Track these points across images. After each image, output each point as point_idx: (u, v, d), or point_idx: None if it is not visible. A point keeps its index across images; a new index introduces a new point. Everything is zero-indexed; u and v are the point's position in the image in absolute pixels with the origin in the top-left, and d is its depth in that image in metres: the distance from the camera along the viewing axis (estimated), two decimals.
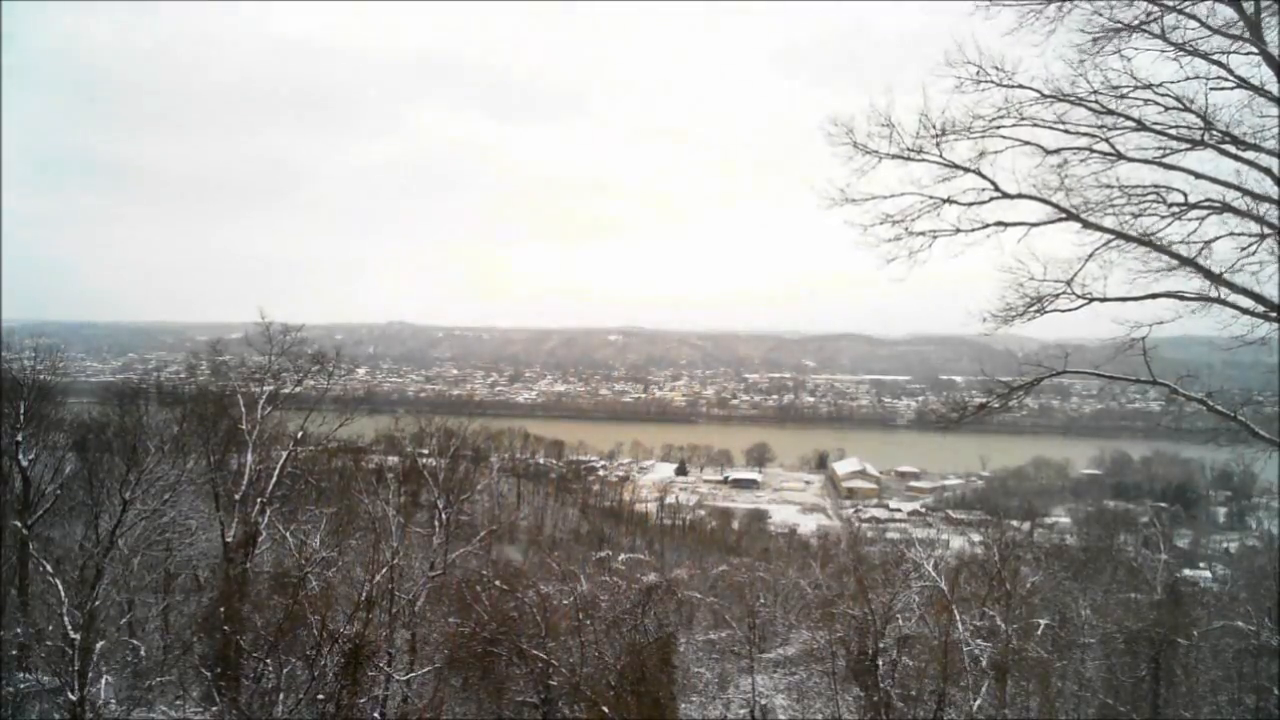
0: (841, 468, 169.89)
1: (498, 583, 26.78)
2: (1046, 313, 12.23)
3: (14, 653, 20.27)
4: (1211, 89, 11.05)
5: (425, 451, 40.44)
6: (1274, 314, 11.03)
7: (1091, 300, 12.03)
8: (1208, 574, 54.76)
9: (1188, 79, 11.14)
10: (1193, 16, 10.89)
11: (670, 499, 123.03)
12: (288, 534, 24.86)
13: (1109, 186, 11.83)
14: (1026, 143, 11.96)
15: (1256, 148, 10.93)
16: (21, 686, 19.28)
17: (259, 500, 27.15)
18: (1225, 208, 11.29)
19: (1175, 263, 11.56)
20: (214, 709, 19.45)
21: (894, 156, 12.23)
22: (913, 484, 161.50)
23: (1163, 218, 11.62)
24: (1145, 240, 11.68)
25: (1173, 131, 11.26)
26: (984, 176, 12.13)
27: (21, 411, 26.71)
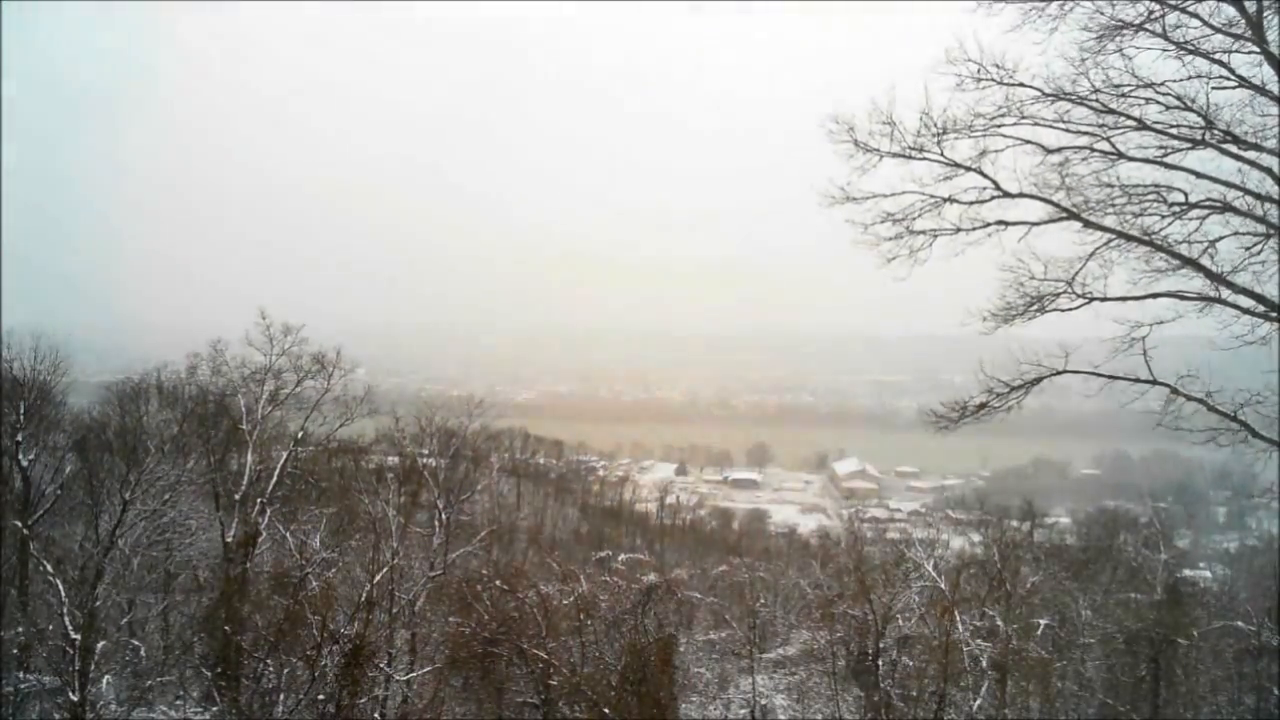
0: (841, 468, 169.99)
1: (498, 583, 26.76)
2: (1047, 312, 12.22)
3: (14, 653, 20.26)
4: (1213, 88, 11.05)
5: (425, 452, 40.28)
6: (1275, 314, 11.02)
7: (1092, 300, 12.02)
8: (1208, 574, 54.51)
9: (1189, 78, 11.14)
10: (1195, 15, 10.90)
11: (670, 499, 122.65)
12: (288, 534, 24.85)
13: (1110, 186, 11.83)
14: (1027, 141, 11.96)
15: (1258, 147, 10.92)
16: (22, 686, 19.28)
17: (259, 500, 27.16)
18: (1226, 207, 11.29)
19: (1176, 262, 11.55)
20: (214, 709, 19.48)
21: (895, 155, 12.19)
22: (913, 484, 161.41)
23: (1164, 217, 11.62)
24: (1146, 240, 11.67)
25: (1174, 131, 11.26)
26: (985, 175, 12.13)
27: (21, 411, 26.73)
